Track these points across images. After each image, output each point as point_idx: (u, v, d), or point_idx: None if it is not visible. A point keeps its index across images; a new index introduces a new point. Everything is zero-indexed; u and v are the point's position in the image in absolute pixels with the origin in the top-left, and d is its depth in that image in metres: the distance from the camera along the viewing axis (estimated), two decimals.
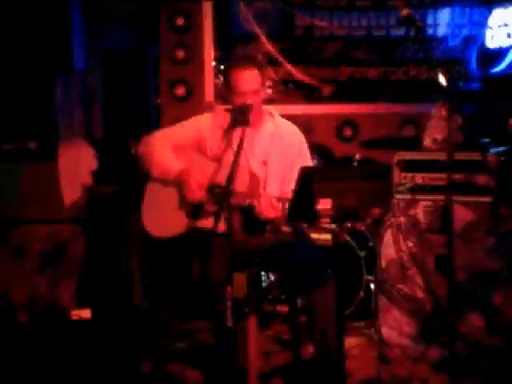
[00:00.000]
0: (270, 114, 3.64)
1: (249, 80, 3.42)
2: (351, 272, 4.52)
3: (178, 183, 3.48)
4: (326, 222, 3.15)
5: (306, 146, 3.65)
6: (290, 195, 3.10)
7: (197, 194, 3.42)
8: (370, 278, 4.52)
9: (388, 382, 3.82)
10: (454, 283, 3.45)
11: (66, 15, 5.35)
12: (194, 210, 3.47)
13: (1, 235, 4.86)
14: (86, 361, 4.03)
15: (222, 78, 5.90)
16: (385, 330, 4.23)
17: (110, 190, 5.08)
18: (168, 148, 3.57)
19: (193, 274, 3.96)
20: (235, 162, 3.07)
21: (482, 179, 4.08)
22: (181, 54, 5.90)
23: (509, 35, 5.75)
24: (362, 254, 4.57)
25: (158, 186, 3.57)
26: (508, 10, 5.77)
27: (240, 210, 3.40)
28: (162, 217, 3.55)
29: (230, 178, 3.03)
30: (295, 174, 3.02)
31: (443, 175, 3.89)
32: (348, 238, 4.56)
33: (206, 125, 3.61)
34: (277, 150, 3.55)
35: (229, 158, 3.15)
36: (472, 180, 4.09)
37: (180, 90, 5.91)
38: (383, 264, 4.25)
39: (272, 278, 3.95)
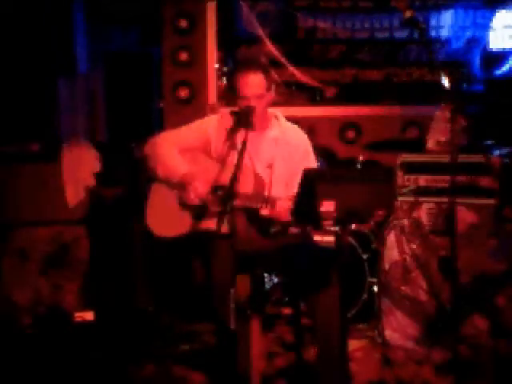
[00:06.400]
0: (276, 117, 3.65)
1: (253, 84, 3.42)
2: (354, 274, 4.51)
3: (182, 186, 3.48)
4: (329, 224, 3.15)
5: (311, 149, 3.66)
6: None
7: (196, 201, 3.43)
8: (373, 280, 4.51)
9: None
10: (457, 285, 3.45)
11: (68, 17, 5.35)
12: (198, 211, 3.47)
13: (4, 237, 4.86)
14: (89, 363, 4.03)
15: (225, 80, 5.91)
16: (388, 333, 4.22)
17: (113, 192, 5.08)
18: (174, 149, 3.58)
19: (196, 276, 3.96)
20: (238, 164, 3.08)
21: (485, 181, 4.08)
22: (184, 56, 5.90)
23: None
24: (365, 256, 4.57)
25: (163, 186, 3.57)
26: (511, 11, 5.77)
27: (245, 212, 3.41)
28: (166, 216, 3.55)
29: (233, 179, 3.03)
30: (300, 178, 3.03)
31: (447, 177, 3.91)
32: (351, 240, 4.55)
33: (211, 127, 3.61)
34: (282, 154, 3.56)
35: (233, 160, 3.16)
36: (475, 182, 4.08)
37: (183, 93, 5.91)
38: (386, 266, 4.25)
39: (275, 279, 3.95)
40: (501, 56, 5.82)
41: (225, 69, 5.94)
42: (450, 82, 3.40)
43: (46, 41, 5.11)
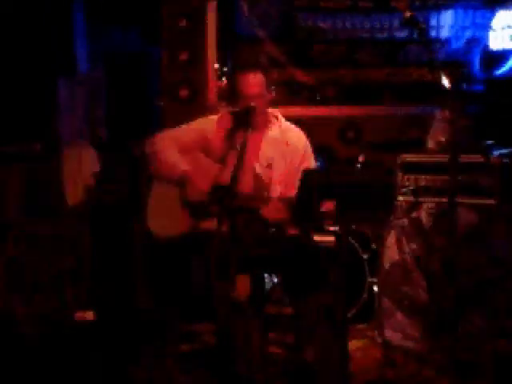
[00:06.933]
0: (276, 117, 3.65)
1: (253, 84, 3.43)
2: (354, 274, 4.51)
3: (182, 184, 3.48)
4: (329, 224, 3.15)
5: (310, 150, 3.66)
6: (294, 198, 3.11)
7: (198, 197, 3.42)
8: (373, 280, 4.52)
9: None
10: (457, 285, 3.45)
11: (68, 17, 5.36)
12: (198, 211, 3.47)
13: (4, 237, 4.86)
14: (89, 363, 4.03)
15: (225, 80, 5.91)
16: (388, 333, 4.22)
17: (113, 192, 5.08)
18: (174, 148, 3.58)
19: (195, 276, 3.96)
20: (238, 164, 3.08)
21: (485, 181, 4.07)
22: (184, 55, 5.90)
23: None
24: (365, 256, 4.57)
25: (163, 185, 3.57)
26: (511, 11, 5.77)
27: (245, 211, 3.40)
28: (166, 216, 3.55)
29: (233, 179, 3.03)
30: (299, 178, 3.03)
31: (447, 177, 3.90)
32: (351, 240, 4.55)
33: (211, 126, 3.61)
34: (281, 155, 3.56)
35: (232, 159, 3.16)
36: (475, 182, 4.08)
37: (183, 92, 5.91)
38: (386, 266, 4.25)
39: (275, 279, 3.95)
40: (501, 56, 5.82)
41: (225, 69, 5.94)
42: (450, 82, 3.39)
43: (46, 41, 5.12)
